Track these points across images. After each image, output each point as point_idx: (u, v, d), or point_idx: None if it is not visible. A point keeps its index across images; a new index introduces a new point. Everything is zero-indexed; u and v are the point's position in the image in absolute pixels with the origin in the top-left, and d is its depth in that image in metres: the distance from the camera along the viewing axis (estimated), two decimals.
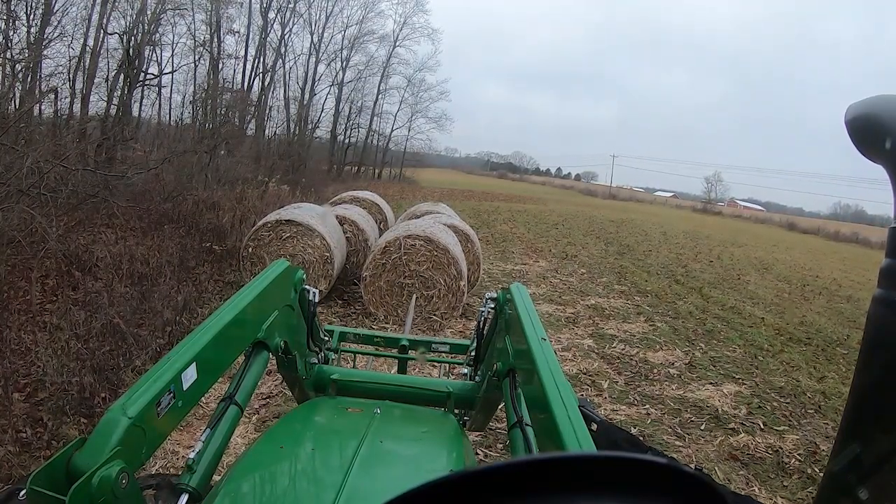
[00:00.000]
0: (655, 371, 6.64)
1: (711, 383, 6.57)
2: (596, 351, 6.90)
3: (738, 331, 8.93)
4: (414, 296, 6.45)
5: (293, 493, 1.39)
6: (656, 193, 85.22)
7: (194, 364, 1.35)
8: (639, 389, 6.05)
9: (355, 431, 1.60)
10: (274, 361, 2.04)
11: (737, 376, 6.85)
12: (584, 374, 6.18)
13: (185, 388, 1.31)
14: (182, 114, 24.12)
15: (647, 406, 5.69)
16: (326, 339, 2.45)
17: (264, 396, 5.13)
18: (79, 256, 8.62)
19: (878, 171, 0.69)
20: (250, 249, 7.08)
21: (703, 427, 5.44)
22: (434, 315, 6.54)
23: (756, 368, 7.21)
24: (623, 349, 7.14)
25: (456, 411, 2.13)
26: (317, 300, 2.19)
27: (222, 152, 18.45)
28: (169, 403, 1.25)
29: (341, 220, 8.16)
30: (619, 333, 7.74)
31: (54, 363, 5.22)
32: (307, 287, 2.15)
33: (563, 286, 10.01)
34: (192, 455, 1.35)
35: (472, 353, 2.42)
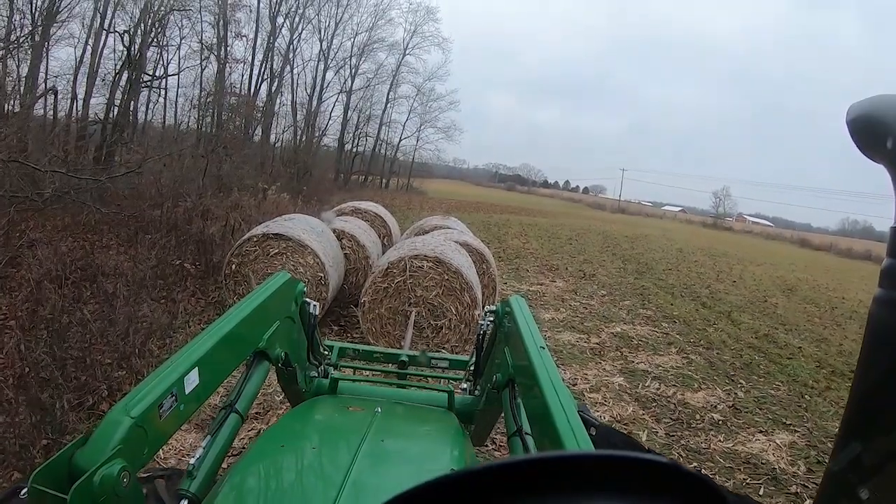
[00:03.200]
0: (698, 417, 5.77)
1: (761, 431, 5.73)
2: (628, 392, 6.01)
3: (777, 364, 8.08)
4: (413, 311, 5.62)
5: (294, 492, 1.36)
6: (664, 208, 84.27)
7: (196, 369, 1.35)
8: (682, 441, 5.18)
9: (356, 430, 1.58)
10: (274, 375, 2.08)
11: (787, 421, 6.02)
12: (618, 421, 5.30)
13: (186, 392, 1.31)
14: (189, 117, 23.62)
15: (695, 464, 4.83)
16: (327, 353, 2.43)
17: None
18: (50, 268, 7.88)
19: (886, 187, 0.67)
20: (234, 266, 6.21)
21: (762, 492, 4.60)
22: (443, 348, 5.61)
23: (806, 411, 6.34)
24: (658, 389, 6.25)
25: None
26: (317, 313, 2.18)
27: (226, 157, 17.79)
28: (171, 406, 1.24)
29: (339, 235, 7.27)
30: (651, 368, 6.84)
31: None
32: (308, 300, 2.15)
33: (583, 310, 9.13)
34: (192, 461, 1.35)
35: (472, 368, 2.37)
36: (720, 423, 5.74)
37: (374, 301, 5.62)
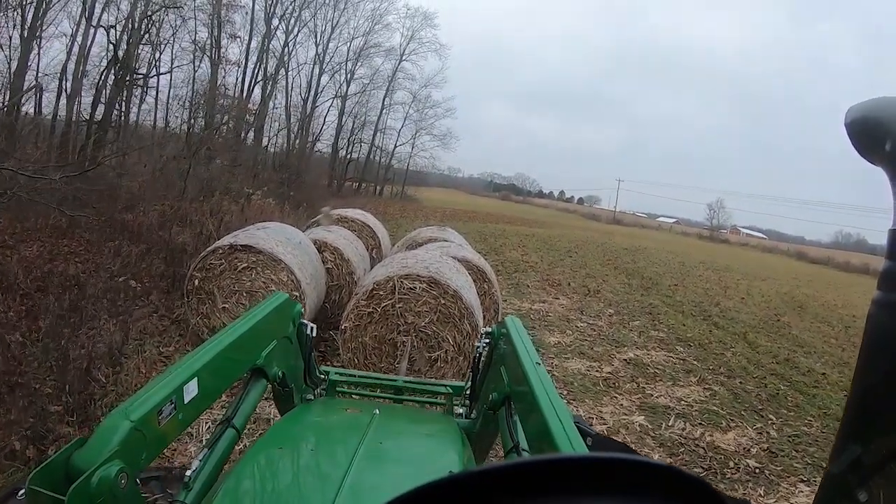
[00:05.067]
0: (731, 464, 5.01)
1: (804, 481, 5.00)
2: (651, 434, 5.22)
3: (804, 394, 7.36)
4: (408, 341, 4.79)
5: (291, 494, 1.37)
6: (659, 219, 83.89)
7: (196, 379, 1.36)
8: None
9: (354, 432, 1.58)
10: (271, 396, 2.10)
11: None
12: None
13: (185, 402, 1.32)
14: (179, 118, 22.84)
15: None
16: (323, 377, 2.37)
17: None
18: (6, 275, 7.09)
19: (880, 199, 0.68)
20: (196, 282, 5.35)
21: None
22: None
23: None
24: (683, 429, 5.46)
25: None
26: (314, 335, 2.16)
27: (210, 160, 17.00)
28: (170, 414, 1.25)
29: (321, 247, 6.41)
30: (672, 403, 6.06)
31: None
32: (305, 322, 2.12)
33: (591, 332, 8.32)
34: (188, 472, 1.36)
35: (468, 392, 2.28)
36: (757, 471, 4.98)
37: (357, 328, 4.73)
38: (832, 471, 0.69)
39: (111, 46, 18.27)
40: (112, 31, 18.78)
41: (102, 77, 18.46)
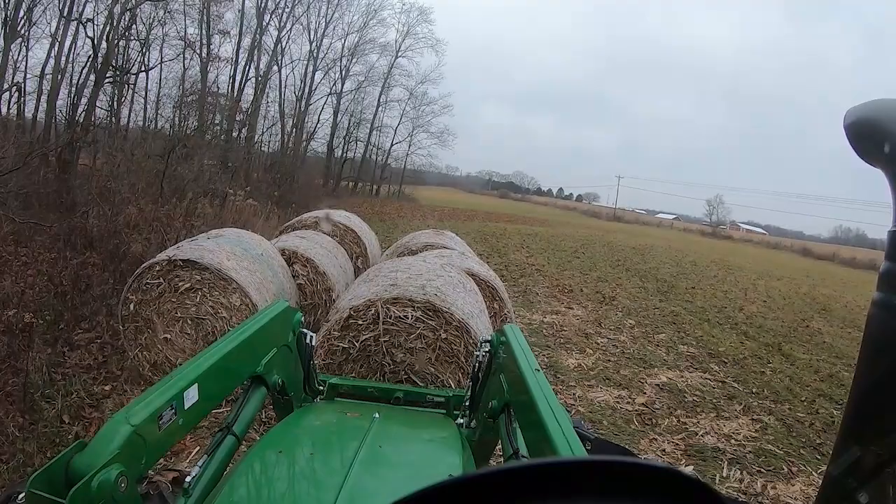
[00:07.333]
0: None
1: None
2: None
3: None
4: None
5: (290, 498, 1.36)
6: (658, 216, 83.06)
7: (196, 385, 1.34)
8: None
9: (354, 436, 1.58)
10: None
11: None
12: None
13: (186, 407, 1.30)
14: (169, 117, 21.86)
15: None
16: (322, 387, 2.34)
17: None
18: None
19: (879, 194, 0.64)
20: (132, 306, 4.25)
21: None
22: None
23: None
24: (741, 481, 4.42)
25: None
26: (315, 344, 2.14)
27: (207, 162, 16.04)
28: (170, 419, 1.24)
29: (291, 258, 5.35)
30: (721, 443, 5.00)
31: None
32: (305, 330, 2.09)
33: (614, 350, 7.24)
34: (188, 479, 1.34)
35: (468, 402, 2.24)
36: None
37: (328, 367, 3.49)
38: (832, 473, 0.67)
39: (90, 42, 17.37)
40: (90, 25, 17.87)
41: (82, 74, 17.56)
